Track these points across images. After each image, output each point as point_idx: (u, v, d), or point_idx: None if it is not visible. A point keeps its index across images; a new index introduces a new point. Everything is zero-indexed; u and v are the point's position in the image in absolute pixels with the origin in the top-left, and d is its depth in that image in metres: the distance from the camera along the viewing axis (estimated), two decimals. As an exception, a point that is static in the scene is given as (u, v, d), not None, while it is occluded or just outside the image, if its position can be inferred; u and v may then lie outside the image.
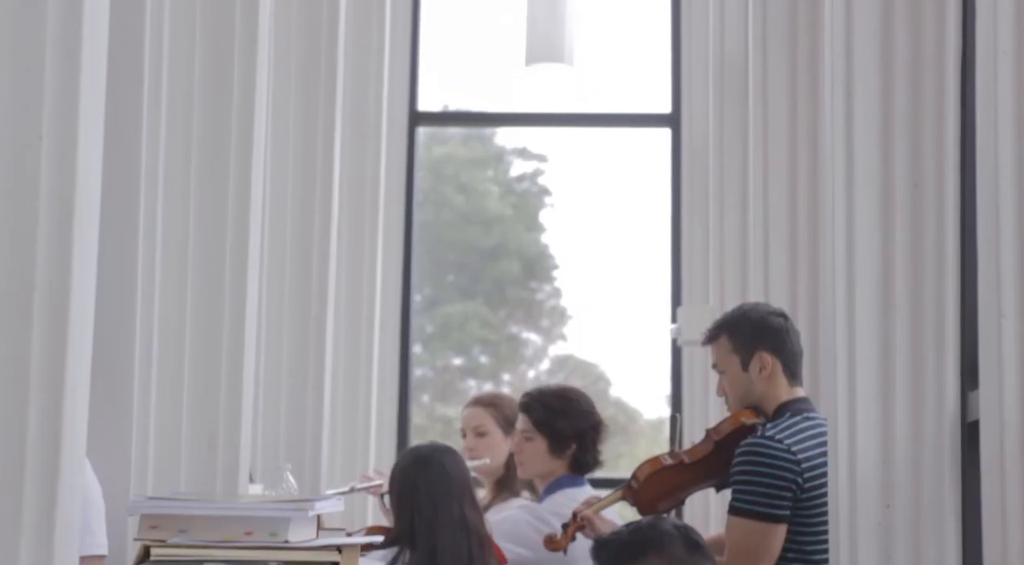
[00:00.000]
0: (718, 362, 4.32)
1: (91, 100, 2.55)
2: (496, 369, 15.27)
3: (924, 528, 3.56)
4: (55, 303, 2.50)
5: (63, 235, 2.50)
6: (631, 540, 3.15)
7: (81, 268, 2.54)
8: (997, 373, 3.01)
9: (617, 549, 3.14)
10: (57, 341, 2.50)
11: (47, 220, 2.49)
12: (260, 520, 2.85)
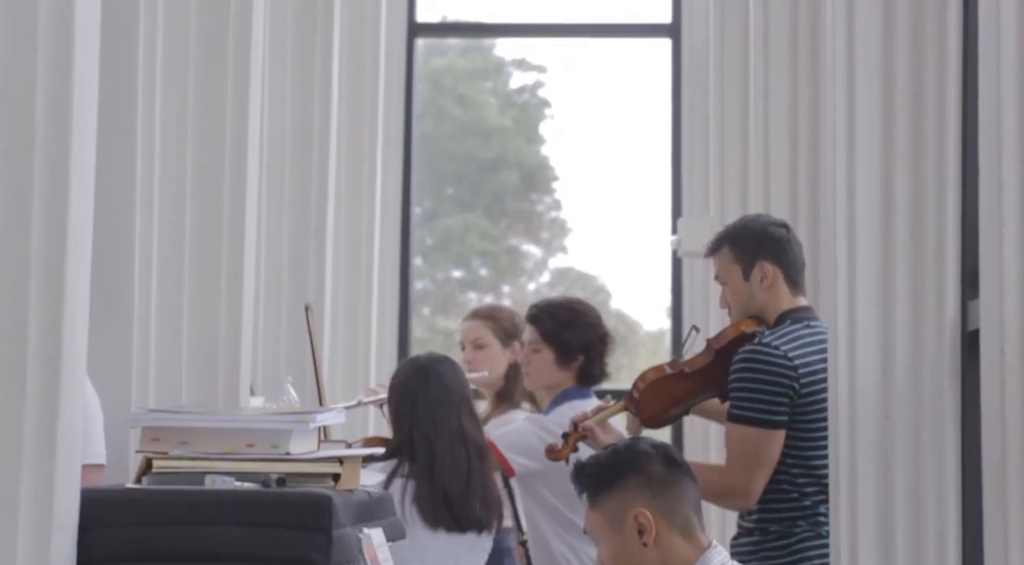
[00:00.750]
0: (720, 273, 4.31)
1: (87, 4, 2.53)
2: (496, 281, 15.27)
3: (924, 437, 3.58)
4: (53, 219, 2.50)
5: (60, 150, 2.50)
6: (609, 463, 3.17)
7: (79, 183, 2.53)
8: (997, 282, 3.01)
9: (596, 473, 3.16)
10: (56, 255, 2.50)
11: (43, 137, 2.48)
12: (261, 432, 2.86)
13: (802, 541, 4.07)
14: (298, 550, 2.60)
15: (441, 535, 4.31)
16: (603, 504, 3.12)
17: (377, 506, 3.14)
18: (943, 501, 3.54)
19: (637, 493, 3.11)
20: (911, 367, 3.59)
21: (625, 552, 3.11)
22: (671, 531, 3.10)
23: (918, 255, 3.59)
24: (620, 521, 3.10)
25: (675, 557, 3.10)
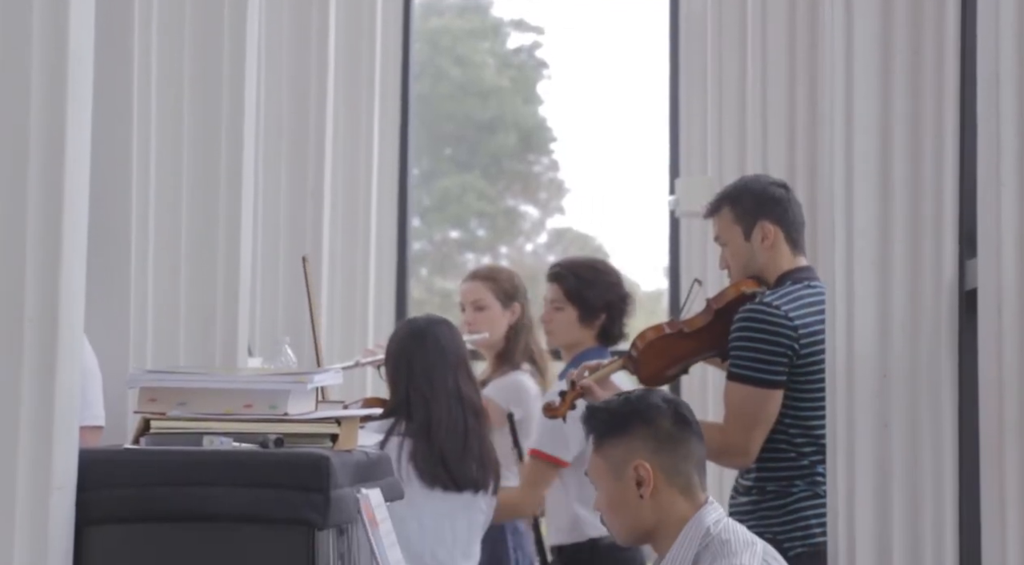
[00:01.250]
0: (720, 234, 4.31)
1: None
2: (493, 242, 15.25)
3: (921, 397, 3.58)
4: (49, 180, 2.49)
5: (56, 110, 2.49)
6: (619, 411, 3.17)
7: (75, 144, 2.52)
8: (995, 241, 3.01)
9: (605, 419, 3.17)
10: (52, 216, 2.49)
11: (38, 96, 2.47)
12: (259, 393, 2.85)
13: (799, 501, 4.08)
14: (296, 510, 2.60)
15: (437, 494, 4.33)
16: (607, 450, 3.13)
17: (375, 466, 3.14)
18: (940, 460, 3.55)
19: (642, 444, 3.12)
20: (909, 326, 3.60)
21: (621, 501, 3.12)
22: (670, 488, 3.11)
23: (916, 214, 3.59)
24: (621, 470, 3.11)
25: (670, 513, 3.11)
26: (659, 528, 3.11)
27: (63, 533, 2.51)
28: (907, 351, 3.60)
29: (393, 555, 2.90)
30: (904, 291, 3.60)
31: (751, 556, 3.01)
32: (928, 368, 3.57)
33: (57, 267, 2.49)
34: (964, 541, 3.53)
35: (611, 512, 3.15)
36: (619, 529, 3.17)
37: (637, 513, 3.12)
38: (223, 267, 3.69)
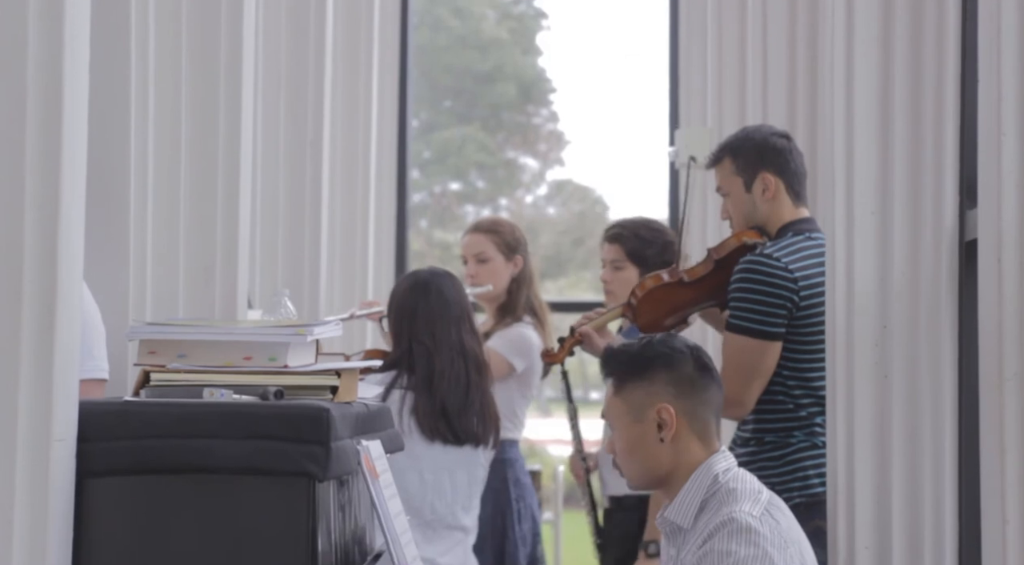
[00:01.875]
0: (722, 185, 4.30)
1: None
2: (493, 194, 15.24)
3: (921, 348, 3.58)
4: (48, 131, 2.48)
5: (53, 57, 2.47)
6: (642, 354, 3.16)
7: (72, 95, 2.51)
8: (996, 191, 3.00)
9: (626, 361, 3.16)
10: (51, 168, 2.48)
11: (36, 38, 2.46)
12: (259, 345, 2.85)
13: (797, 451, 4.09)
14: (296, 462, 2.61)
15: (438, 447, 4.34)
16: (628, 392, 3.13)
17: (375, 418, 3.15)
18: (939, 410, 3.55)
19: (664, 388, 3.12)
20: (909, 277, 3.59)
21: (639, 444, 3.12)
22: (689, 432, 3.12)
23: (916, 164, 3.58)
24: (642, 412, 3.11)
25: (686, 458, 3.11)
26: (674, 473, 3.12)
27: (64, 485, 2.52)
28: (907, 301, 3.60)
29: (393, 506, 2.91)
30: (904, 241, 3.59)
31: (753, 504, 3.02)
32: (928, 319, 3.57)
33: (55, 220, 2.48)
34: (963, 490, 3.54)
35: (628, 455, 3.15)
36: (634, 472, 3.17)
37: (655, 456, 3.12)
38: (222, 220, 3.69)
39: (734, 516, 2.97)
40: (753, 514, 2.99)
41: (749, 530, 2.95)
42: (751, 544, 2.94)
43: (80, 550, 2.57)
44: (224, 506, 2.61)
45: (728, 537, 2.95)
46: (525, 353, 5.10)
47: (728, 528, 2.96)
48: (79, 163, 2.56)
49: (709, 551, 2.96)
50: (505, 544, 5.20)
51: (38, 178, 2.47)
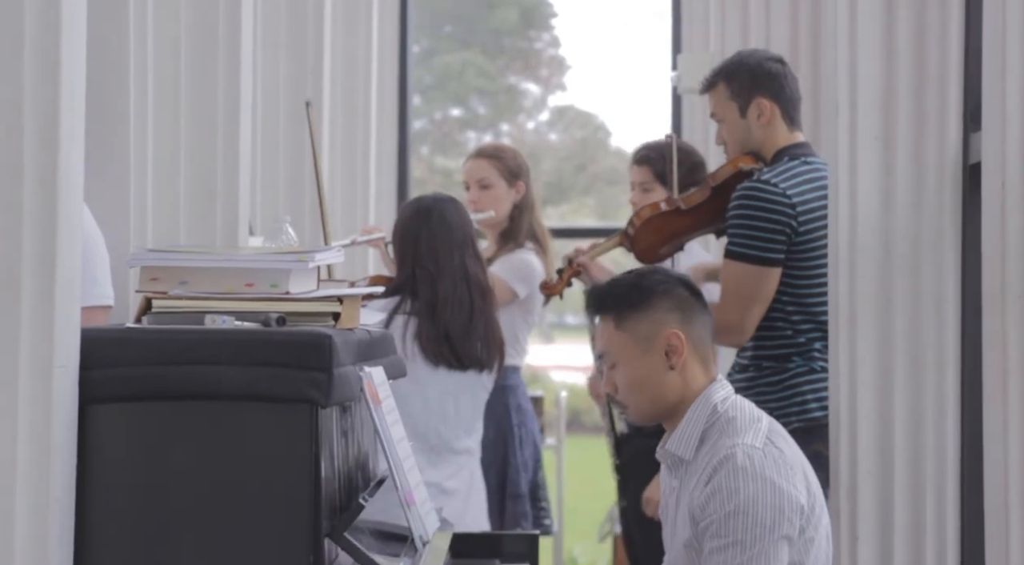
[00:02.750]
0: (716, 110, 4.29)
1: None
2: (495, 120, 15.20)
3: (924, 272, 3.58)
4: (47, 61, 2.47)
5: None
6: (637, 284, 3.14)
7: (71, 16, 2.49)
8: (1000, 115, 2.99)
9: (623, 293, 3.14)
10: (50, 95, 2.47)
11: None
12: (260, 272, 2.85)
13: (796, 376, 4.10)
14: (299, 389, 2.61)
15: (442, 372, 4.34)
16: (631, 324, 3.10)
17: (378, 344, 3.15)
18: (942, 334, 3.56)
19: (669, 315, 3.10)
20: (912, 201, 3.59)
21: (647, 375, 3.10)
22: (694, 357, 3.11)
23: (920, 88, 3.56)
24: (649, 342, 3.09)
25: (692, 384, 3.11)
26: (681, 402, 3.11)
27: (66, 412, 2.52)
28: (910, 226, 3.59)
29: (396, 432, 2.91)
30: (907, 166, 3.58)
31: (755, 434, 3.02)
32: (931, 243, 3.57)
33: (55, 146, 2.47)
34: (966, 412, 3.54)
35: (635, 388, 3.13)
36: (642, 406, 3.15)
37: (664, 386, 3.10)
38: (223, 146, 3.68)
39: (734, 451, 2.96)
40: (756, 446, 2.99)
41: (752, 464, 2.95)
42: (757, 477, 2.94)
43: (84, 477, 2.58)
44: (227, 432, 2.62)
45: (732, 473, 2.95)
46: (527, 279, 5.09)
47: (730, 464, 2.96)
48: (78, 89, 2.54)
49: (716, 489, 2.96)
50: (507, 470, 5.22)
51: (37, 104, 2.46)
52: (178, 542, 2.61)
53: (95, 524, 2.59)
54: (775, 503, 2.93)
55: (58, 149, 2.47)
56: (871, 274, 3.64)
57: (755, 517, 2.92)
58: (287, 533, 2.60)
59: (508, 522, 5.17)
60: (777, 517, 2.93)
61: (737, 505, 2.93)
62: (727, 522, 2.93)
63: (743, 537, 2.92)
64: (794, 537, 2.96)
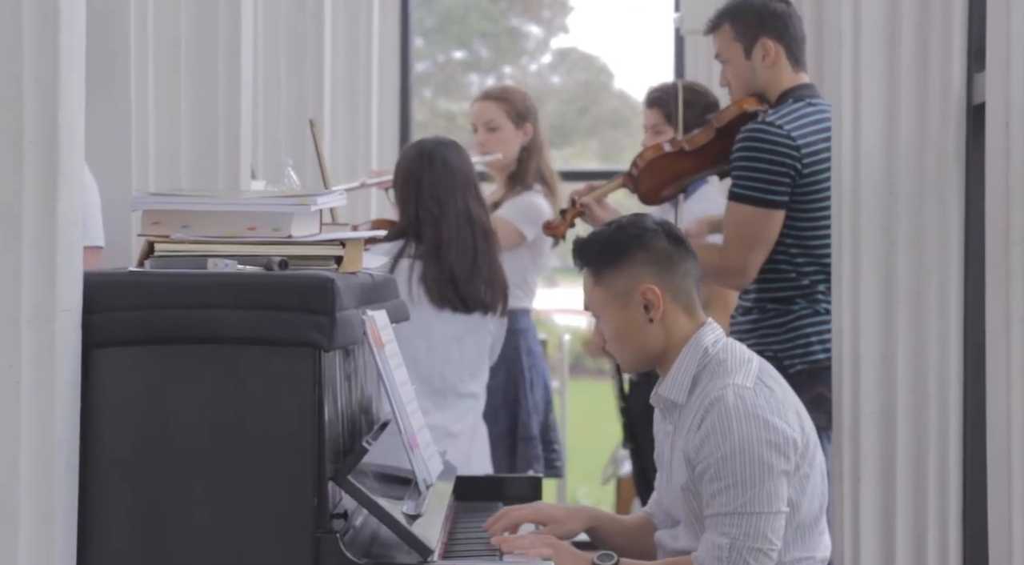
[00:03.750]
0: (721, 51, 4.26)
1: None
2: (497, 62, 15.15)
3: (928, 213, 3.57)
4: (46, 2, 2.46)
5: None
6: (614, 238, 3.14)
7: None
8: (1004, 54, 2.98)
9: (600, 249, 3.13)
10: (49, 37, 2.46)
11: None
12: (263, 215, 2.84)
13: (799, 318, 4.09)
14: (301, 332, 2.61)
15: (447, 315, 4.35)
16: (608, 280, 3.11)
17: (380, 288, 3.15)
18: (945, 276, 3.55)
19: (644, 269, 3.09)
20: (915, 142, 3.58)
21: (629, 328, 3.11)
22: (675, 307, 3.10)
23: (924, 28, 3.55)
24: (627, 297, 3.09)
25: (676, 333, 3.10)
26: (666, 350, 3.11)
27: (70, 356, 2.52)
28: (913, 167, 3.58)
29: (399, 376, 2.92)
30: (911, 106, 3.57)
31: (745, 375, 3.02)
32: (935, 184, 3.56)
33: (56, 90, 2.47)
34: (968, 353, 3.55)
35: (619, 341, 3.14)
36: (628, 357, 3.16)
37: (646, 338, 3.11)
38: (224, 90, 3.67)
39: (724, 393, 2.97)
40: (747, 385, 2.99)
41: (743, 404, 2.95)
42: (750, 416, 2.95)
43: (87, 420, 2.59)
44: (229, 376, 2.62)
45: (724, 415, 2.95)
46: (535, 221, 5.08)
47: (722, 404, 2.96)
48: (78, 33, 2.53)
49: (710, 431, 2.96)
50: (518, 412, 5.22)
51: (37, 47, 2.45)
52: (181, 485, 2.62)
53: (99, 466, 2.60)
54: (770, 439, 2.94)
55: (58, 93, 2.46)
56: (874, 215, 3.63)
57: (751, 456, 2.93)
58: (290, 476, 2.61)
59: (520, 465, 5.18)
60: (773, 454, 2.94)
61: (732, 446, 2.93)
62: (724, 464, 2.94)
63: (741, 477, 2.92)
64: (791, 473, 2.97)
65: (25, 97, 2.45)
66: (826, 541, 3.11)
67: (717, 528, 2.95)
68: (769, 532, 2.93)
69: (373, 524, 2.80)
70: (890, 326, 3.62)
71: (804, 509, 3.02)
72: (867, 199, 3.63)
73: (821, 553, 3.09)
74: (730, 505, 2.93)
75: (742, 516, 2.93)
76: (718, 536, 2.94)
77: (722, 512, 2.94)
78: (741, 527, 2.93)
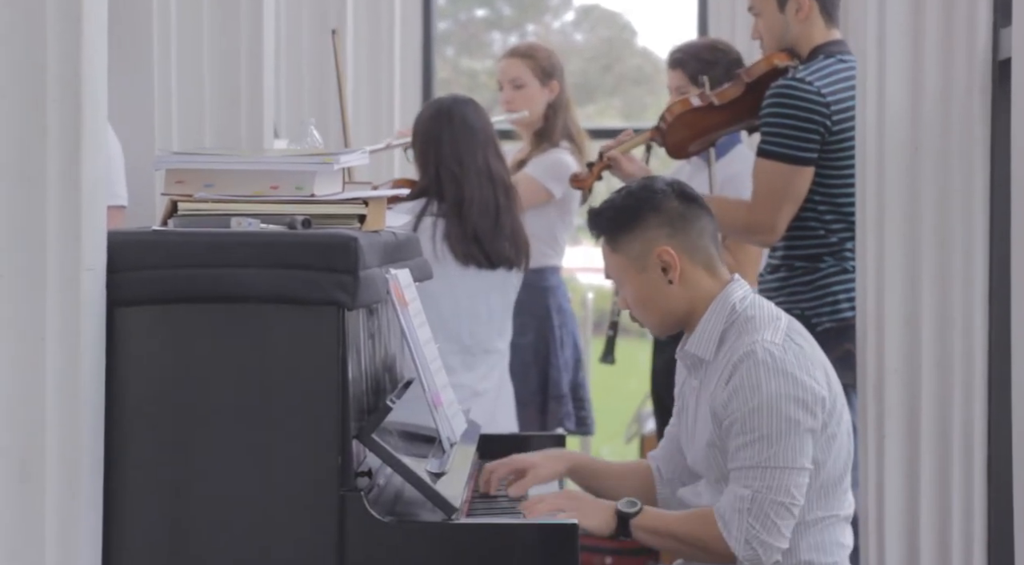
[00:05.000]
0: (754, 3, 4.24)
1: None
2: (520, 20, 15.11)
3: (953, 169, 3.56)
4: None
5: None
6: (625, 204, 3.13)
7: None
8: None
9: (613, 216, 3.13)
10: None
11: None
12: (286, 174, 2.84)
13: (827, 276, 4.09)
14: (325, 291, 2.61)
15: (471, 271, 4.35)
16: (624, 246, 3.11)
17: (404, 247, 3.15)
18: (971, 232, 3.54)
19: (658, 232, 3.09)
20: (941, 98, 3.56)
21: (650, 292, 3.11)
22: (695, 266, 3.10)
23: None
24: (643, 261, 3.09)
25: (700, 292, 3.10)
26: (692, 311, 3.11)
27: (94, 314, 2.53)
28: (939, 123, 3.57)
29: (423, 334, 2.92)
30: (936, 61, 3.55)
31: (774, 332, 3.02)
32: (960, 140, 3.54)
33: (79, 49, 2.46)
34: (994, 311, 3.53)
35: (642, 306, 3.14)
36: (653, 321, 3.17)
37: (668, 300, 3.11)
38: (246, 47, 3.66)
39: (754, 348, 2.97)
40: (776, 342, 2.99)
41: (773, 360, 2.96)
42: (779, 372, 2.95)
43: (112, 379, 2.59)
44: (253, 335, 2.63)
45: (753, 370, 2.96)
46: (563, 178, 5.07)
47: (752, 360, 2.96)
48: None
49: (738, 386, 2.97)
50: (549, 370, 5.23)
51: (60, 4, 2.45)
52: (206, 443, 2.62)
53: (123, 425, 2.61)
54: (798, 396, 2.94)
55: (81, 53, 2.46)
56: (899, 171, 3.62)
57: (778, 411, 2.93)
58: (314, 435, 2.62)
59: (551, 423, 5.20)
60: (800, 411, 2.94)
61: (760, 401, 2.94)
62: (751, 418, 2.94)
63: (768, 432, 2.93)
64: (817, 430, 2.97)
65: (48, 57, 2.45)
66: (850, 499, 3.12)
67: (740, 480, 2.95)
68: (792, 487, 2.94)
69: (397, 482, 2.81)
70: (915, 283, 3.61)
71: (829, 467, 3.03)
72: (892, 156, 3.62)
73: (845, 511, 3.10)
74: (754, 459, 2.94)
75: (766, 470, 2.94)
76: (741, 488, 2.95)
77: (746, 465, 2.95)
78: (764, 480, 2.93)
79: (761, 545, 2.93)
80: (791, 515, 2.95)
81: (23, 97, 2.44)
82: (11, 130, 2.43)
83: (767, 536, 2.93)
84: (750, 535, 2.93)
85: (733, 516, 2.94)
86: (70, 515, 2.48)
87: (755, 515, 2.93)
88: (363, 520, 2.61)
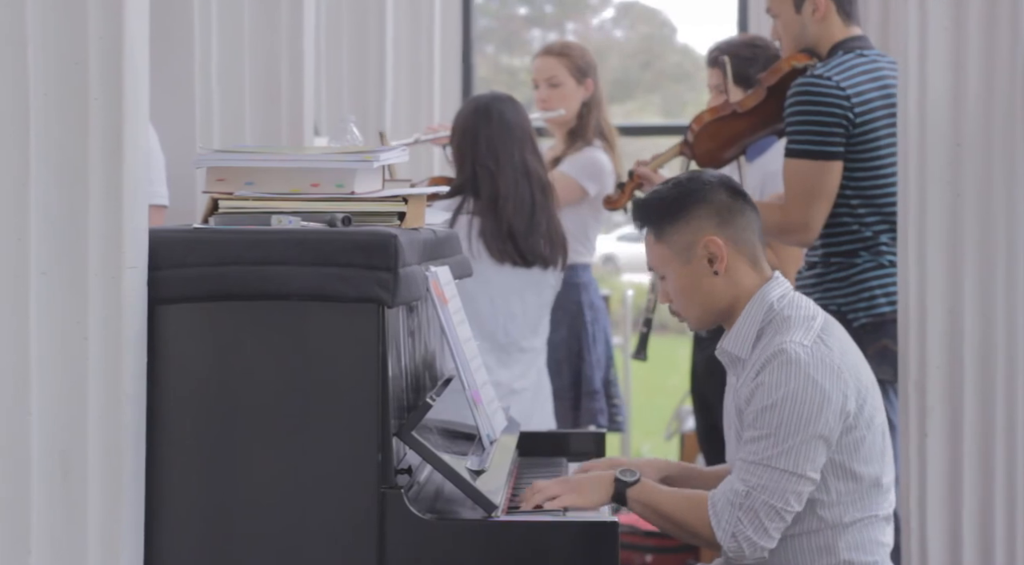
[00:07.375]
0: (771, 6, 4.24)
1: None
2: (560, 18, 15.10)
3: (995, 166, 3.54)
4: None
5: None
6: (673, 194, 3.12)
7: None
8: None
9: (660, 206, 3.12)
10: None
11: None
12: (326, 172, 2.85)
13: (863, 271, 4.08)
14: (365, 288, 2.62)
15: (507, 269, 4.35)
16: (670, 236, 3.10)
17: (443, 244, 3.15)
18: (1014, 227, 3.52)
19: (705, 222, 3.08)
20: (983, 94, 3.54)
21: (694, 284, 3.10)
22: (740, 259, 3.09)
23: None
24: (690, 251, 3.08)
25: (742, 286, 3.09)
26: (734, 305, 3.10)
27: (136, 312, 2.54)
28: (981, 118, 3.55)
29: (463, 332, 2.92)
30: (978, 57, 3.53)
31: (805, 332, 3.00)
32: (1002, 136, 3.52)
33: (120, 48, 2.48)
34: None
35: (685, 298, 3.13)
36: (695, 314, 3.15)
37: (712, 292, 3.09)
38: (287, 47, 3.67)
39: (784, 347, 2.96)
40: (804, 344, 2.97)
41: (798, 361, 2.94)
42: (801, 374, 2.94)
43: (153, 376, 2.60)
44: (294, 332, 2.63)
45: (778, 368, 2.94)
46: (596, 176, 5.07)
47: (778, 360, 2.95)
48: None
49: (761, 384, 2.96)
50: (581, 366, 5.23)
51: (102, 2, 2.46)
52: (247, 440, 2.63)
53: (165, 423, 2.62)
54: (815, 400, 2.93)
55: (122, 52, 2.48)
56: (940, 167, 3.60)
57: (791, 412, 2.92)
58: (355, 432, 2.62)
59: (583, 419, 5.19)
60: (815, 415, 2.92)
61: (777, 398, 2.93)
62: (764, 414, 2.94)
63: (777, 430, 2.92)
64: (831, 439, 2.95)
65: (90, 56, 2.46)
66: (891, 498, 3.10)
67: (740, 473, 2.95)
68: (790, 493, 2.92)
69: (437, 479, 2.81)
70: (957, 279, 3.59)
71: (859, 470, 3.01)
72: (933, 151, 3.60)
73: (884, 510, 3.07)
74: (759, 454, 2.93)
75: (768, 468, 2.92)
76: (739, 482, 2.94)
77: (750, 459, 2.94)
78: (763, 479, 2.92)
79: (747, 541, 2.93)
80: (782, 520, 2.93)
81: (65, 96, 2.46)
82: (53, 129, 2.45)
83: (754, 534, 2.92)
84: (737, 530, 2.92)
85: (725, 507, 2.93)
86: (112, 512, 2.49)
87: (746, 512, 2.92)
88: (403, 517, 2.61)
